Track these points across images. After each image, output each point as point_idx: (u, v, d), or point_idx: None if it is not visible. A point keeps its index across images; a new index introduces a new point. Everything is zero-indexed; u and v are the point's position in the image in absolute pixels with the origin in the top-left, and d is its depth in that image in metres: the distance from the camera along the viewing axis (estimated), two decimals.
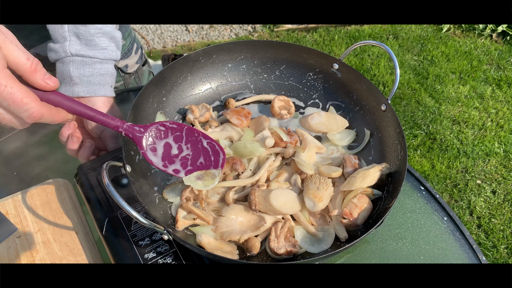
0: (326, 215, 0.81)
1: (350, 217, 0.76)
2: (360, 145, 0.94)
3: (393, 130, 0.87)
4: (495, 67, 3.11)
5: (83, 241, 0.87)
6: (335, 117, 0.96)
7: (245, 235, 0.75)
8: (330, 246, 0.76)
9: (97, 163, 0.91)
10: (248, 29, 3.52)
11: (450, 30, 3.44)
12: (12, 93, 0.59)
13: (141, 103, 0.90)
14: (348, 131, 0.97)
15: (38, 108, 0.62)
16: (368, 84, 0.93)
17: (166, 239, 0.70)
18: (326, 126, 0.96)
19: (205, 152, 0.79)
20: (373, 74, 3.00)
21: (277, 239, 0.75)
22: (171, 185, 0.86)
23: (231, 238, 0.74)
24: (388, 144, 0.88)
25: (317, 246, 0.76)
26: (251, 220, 0.79)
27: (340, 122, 0.96)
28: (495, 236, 2.15)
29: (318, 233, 0.78)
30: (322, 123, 0.96)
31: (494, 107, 2.81)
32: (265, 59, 1.04)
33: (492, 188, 2.37)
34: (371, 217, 0.78)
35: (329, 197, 0.79)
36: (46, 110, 0.64)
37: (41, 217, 0.90)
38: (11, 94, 0.59)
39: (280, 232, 0.75)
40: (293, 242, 0.75)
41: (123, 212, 0.84)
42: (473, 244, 0.98)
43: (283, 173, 0.86)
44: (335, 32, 3.36)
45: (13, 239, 0.86)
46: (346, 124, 0.96)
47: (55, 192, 0.94)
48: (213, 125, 0.95)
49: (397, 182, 0.78)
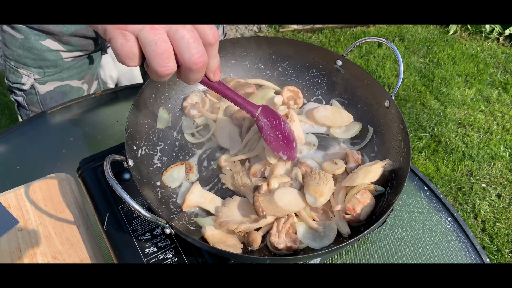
0: (328, 211, 0.81)
1: (353, 212, 0.76)
2: (363, 141, 0.93)
3: (396, 126, 0.86)
4: (502, 70, 3.09)
5: (84, 235, 0.87)
6: (340, 111, 0.96)
7: (242, 226, 0.75)
8: (332, 242, 0.75)
9: (99, 158, 0.91)
10: (253, 29, 3.52)
11: (457, 32, 3.42)
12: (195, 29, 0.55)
13: (144, 98, 0.90)
14: (353, 124, 0.96)
15: (206, 58, 0.58)
16: (371, 80, 0.93)
17: (168, 233, 0.70)
18: (331, 120, 0.95)
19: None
20: (378, 75, 2.99)
21: (278, 234, 0.74)
22: (167, 170, 0.87)
23: (228, 227, 0.75)
24: (391, 140, 0.87)
25: (319, 241, 0.76)
26: (252, 214, 0.78)
27: (345, 117, 0.96)
28: (499, 240, 2.13)
29: (320, 228, 0.77)
30: (327, 117, 0.96)
31: (500, 110, 2.79)
32: (268, 55, 1.04)
33: (497, 192, 2.35)
34: (374, 213, 0.78)
35: (330, 192, 0.78)
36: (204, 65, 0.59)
37: (43, 211, 0.90)
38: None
39: (282, 227, 0.75)
40: (294, 238, 0.75)
41: (124, 207, 0.84)
42: (477, 245, 0.97)
43: (277, 168, 0.85)
44: (341, 33, 3.35)
45: (14, 232, 0.86)
46: (351, 119, 0.96)
47: (57, 186, 0.94)
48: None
49: (400, 178, 0.78)
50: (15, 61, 1.20)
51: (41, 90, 1.25)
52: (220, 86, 0.71)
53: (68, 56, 1.22)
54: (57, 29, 1.13)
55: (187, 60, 0.56)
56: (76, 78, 1.29)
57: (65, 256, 0.84)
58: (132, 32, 0.53)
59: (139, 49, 0.54)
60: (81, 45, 1.20)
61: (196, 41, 0.56)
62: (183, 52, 0.55)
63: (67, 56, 1.21)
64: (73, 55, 1.23)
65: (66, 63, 1.23)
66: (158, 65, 0.54)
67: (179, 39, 0.54)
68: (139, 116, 0.88)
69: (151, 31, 0.52)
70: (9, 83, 1.26)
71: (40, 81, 1.24)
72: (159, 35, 0.53)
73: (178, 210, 0.83)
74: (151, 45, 0.53)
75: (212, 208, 0.82)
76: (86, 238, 0.87)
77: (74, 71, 1.27)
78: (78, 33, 1.16)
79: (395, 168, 0.83)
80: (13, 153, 1.09)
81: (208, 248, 0.72)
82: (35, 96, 1.26)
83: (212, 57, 0.61)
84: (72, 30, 1.15)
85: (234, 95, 0.76)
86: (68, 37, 1.16)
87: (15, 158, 1.08)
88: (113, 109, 1.21)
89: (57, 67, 1.22)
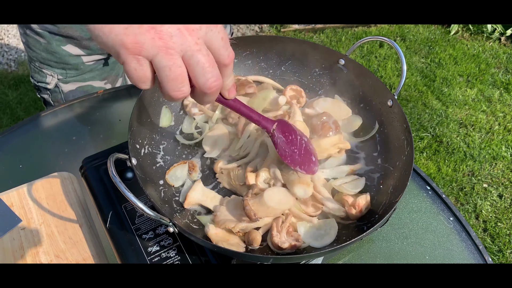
0: (316, 203, 0.82)
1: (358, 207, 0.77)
2: (366, 135, 0.94)
3: (399, 125, 0.86)
4: (503, 70, 3.09)
5: (86, 234, 0.87)
6: (340, 104, 0.97)
7: (240, 225, 0.75)
8: (334, 239, 0.75)
9: (102, 157, 0.91)
10: (255, 29, 3.53)
11: (458, 33, 3.42)
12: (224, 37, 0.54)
13: (146, 98, 0.90)
14: (354, 117, 0.97)
15: (221, 82, 0.57)
16: (374, 79, 0.93)
17: (171, 231, 0.70)
18: (330, 112, 0.96)
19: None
20: (380, 75, 2.99)
21: (279, 234, 0.75)
22: (171, 169, 0.87)
23: (226, 226, 0.75)
24: (394, 139, 0.87)
25: (321, 240, 0.76)
26: None
27: (344, 111, 0.96)
28: (501, 241, 2.13)
29: (320, 224, 0.78)
30: (326, 109, 0.96)
31: (502, 110, 2.78)
32: (270, 54, 1.04)
33: (498, 192, 2.35)
34: (377, 213, 0.78)
35: (311, 181, 0.81)
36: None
37: (45, 209, 0.90)
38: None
39: (282, 227, 0.75)
40: (296, 237, 0.75)
41: (127, 206, 0.84)
42: (479, 245, 0.97)
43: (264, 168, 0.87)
44: (342, 33, 3.35)
45: (17, 230, 0.86)
46: (349, 113, 0.97)
47: (60, 185, 0.94)
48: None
49: (403, 177, 0.78)
50: (40, 62, 1.23)
51: (64, 89, 1.29)
52: (235, 103, 0.70)
53: (89, 60, 1.24)
54: (76, 33, 1.15)
55: (202, 85, 0.55)
56: (98, 79, 1.31)
57: (68, 254, 0.84)
58: (146, 57, 0.52)
59: (153, 72, 0.54)
60: (101, 48, 1.21)
61: (212, 65, 0.55)
62: (197, 77, 0.54)
63: (88, 60, 1.24)
64: (93, 58, 1.24)
65: (87, 66, 1.25)
66: (172, 89, 0.54)
67: (194, 64, 0.53)
68: (142, 115, 0.89)
69: (166, 56, 0.51)
70: (35, 82, 1.30)
71: (63, 81, 1.27)
72: (174, 60, 0.52)
73: (181, 209, 0.83)
74: (165, 71, 0.52)
75: (213, 207, 0.82)
76: (88, 237, 0.87)
77: (95, 72, 1.29)
78: None
79: (398, 167, 0.83)
80: (16, 152, 1.09)
81: (211, 247, 0.72)
82: (59, 94, 1.30)
83: (226, 76, 0.60)
84: None
85: (250, 111, 0.74)
86: (87, 41, 1.18)
87: (18, 157, 1.08)
88: (116, 108, 1.21)
89: (79, 70, 1.25)
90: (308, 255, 0.72)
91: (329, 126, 0.89)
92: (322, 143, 0.87)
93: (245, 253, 0.72)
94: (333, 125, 0.90)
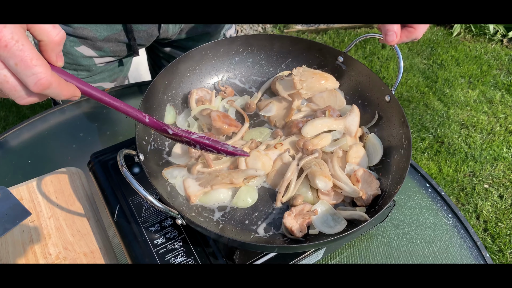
0: (335, 190, 0.85)
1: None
2: (368, 124, 0.97)
3: (397, 120, 0.88)
4: (505, 72, 3.10)
5: (94, 227, 0.90)
6: (336, 94, 0.99)
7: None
8: (344, 228, 0.79)
9: (109, 152, 0.94)
10: (258, 29, 3.55)
11: (460, 34, 3.43)
12: (22, 50, 0.52)
13: (151, 95, 0.92)
14: (348, 107, 0.98)
15: (48, 75, 0.55)
16: (372, 76, 0.95)
17: (180, 223, 0.72)
18: (326, 101, 0.98)
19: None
20: (382, 76, 3.01)
21: (295, 218, 0.78)
22: (169, 168, 0.89)
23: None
24: (392, 133, 0.90)
25: (332, 228, 0.79)
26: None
27: (339, 101, 0.99)
28: (501, 241, 2.15)
29: (335, 212, 0.82)
30: (321, 97, 0.99)
31: (503, 112, 2.80)
32: (271, 52, 1.06)
33: (499, 193, 2.36)
34: (377, 204, 0.80)
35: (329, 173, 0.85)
36: (55, 79, 0.57)
37: (54, 203, 0.93)
38: (21, 51, 0.52)
39: (302, 213, 0.79)
40: (307, 224, 0.79)
41: (134, 199, 0.86)
42: (477, 241, 0.99)
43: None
44: (345, 34, 3.37)
45: (27, 223, 0.89)
46: (344, 103, 0.99)
47: (68, 180, 0.97)
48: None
49: (402, 170, 0.80)
50: None
51: None
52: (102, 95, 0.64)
53: (100, 61, 1.26)
54: (90, 34, 1.16)
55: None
56: (107, 80, 1.33)
57: (76, 247, 0.86)
58: None
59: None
60: (113, 51, 1.24)
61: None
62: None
63: (99, 61, 1.26)
64: (105, 60, 1.27)
65: (98, 68, 1.27)
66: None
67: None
68: (147, 112, 0.91)
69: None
70: None
71: None
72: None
73: (187, 203, 0.85)
74: None
75: (217, 191, 0.85)
76: (96, 230, 0.89)
77: (106, 74, 1.31)
78: (111, 38, 1.19)
79: (396, 159, 0.85)
80: (26, 148, 1.12)
81: (216, 237, 0.74)
82: None
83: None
84: (105, 35, 1.17)
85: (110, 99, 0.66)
86: (101, 42, 1.19)
87: (28, 152, 1.11)
88: None
89: (90, 71, 1.27)
90: (313, 244, 0.74)
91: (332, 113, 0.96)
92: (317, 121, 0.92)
93: (251, 243, 0.73)
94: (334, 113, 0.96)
